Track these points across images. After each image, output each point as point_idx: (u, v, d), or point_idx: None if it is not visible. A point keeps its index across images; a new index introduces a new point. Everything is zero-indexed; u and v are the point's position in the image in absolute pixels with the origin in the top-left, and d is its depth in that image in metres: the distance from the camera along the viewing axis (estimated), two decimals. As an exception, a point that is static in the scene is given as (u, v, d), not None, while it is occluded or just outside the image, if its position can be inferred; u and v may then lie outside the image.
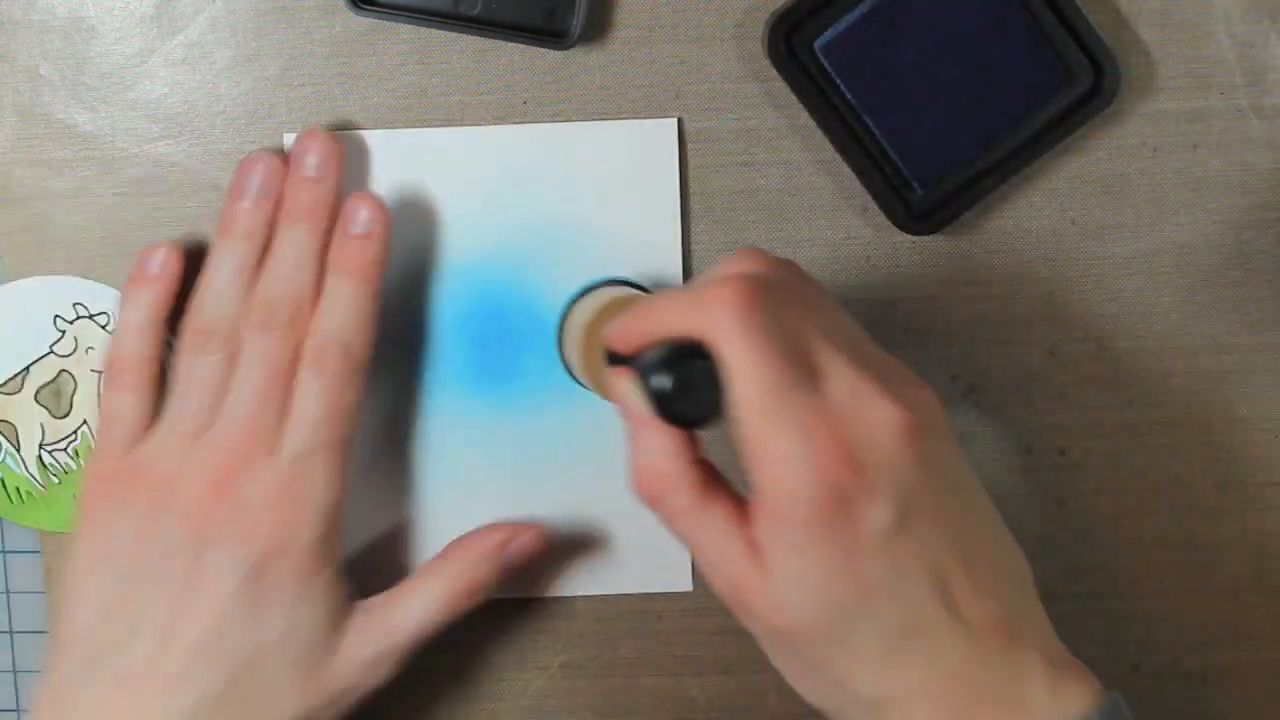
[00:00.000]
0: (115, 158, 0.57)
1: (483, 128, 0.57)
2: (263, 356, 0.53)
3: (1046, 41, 0.55)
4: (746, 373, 0.43)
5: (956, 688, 0.44)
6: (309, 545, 0.52)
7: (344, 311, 0.53)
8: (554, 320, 0.57)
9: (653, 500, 0.46)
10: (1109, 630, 0.60)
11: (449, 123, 0.57)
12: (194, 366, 0.53)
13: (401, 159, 0.57)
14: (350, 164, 0.56)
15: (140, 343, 0.54)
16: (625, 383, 0.46)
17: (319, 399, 0.52)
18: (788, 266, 0.46)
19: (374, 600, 0.55)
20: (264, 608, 0.52)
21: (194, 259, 0.56)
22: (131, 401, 0.54)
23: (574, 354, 0.54)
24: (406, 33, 0.56)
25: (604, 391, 0.51)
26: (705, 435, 0.46)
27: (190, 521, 0.52)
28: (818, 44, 0.55)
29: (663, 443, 0.46)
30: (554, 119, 0.57)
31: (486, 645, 0.60)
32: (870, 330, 0.58)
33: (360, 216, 0.54)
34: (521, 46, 0.56)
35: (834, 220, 0.58)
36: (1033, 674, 0.44)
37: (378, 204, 0.54)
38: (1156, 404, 0.59)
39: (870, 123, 0.55)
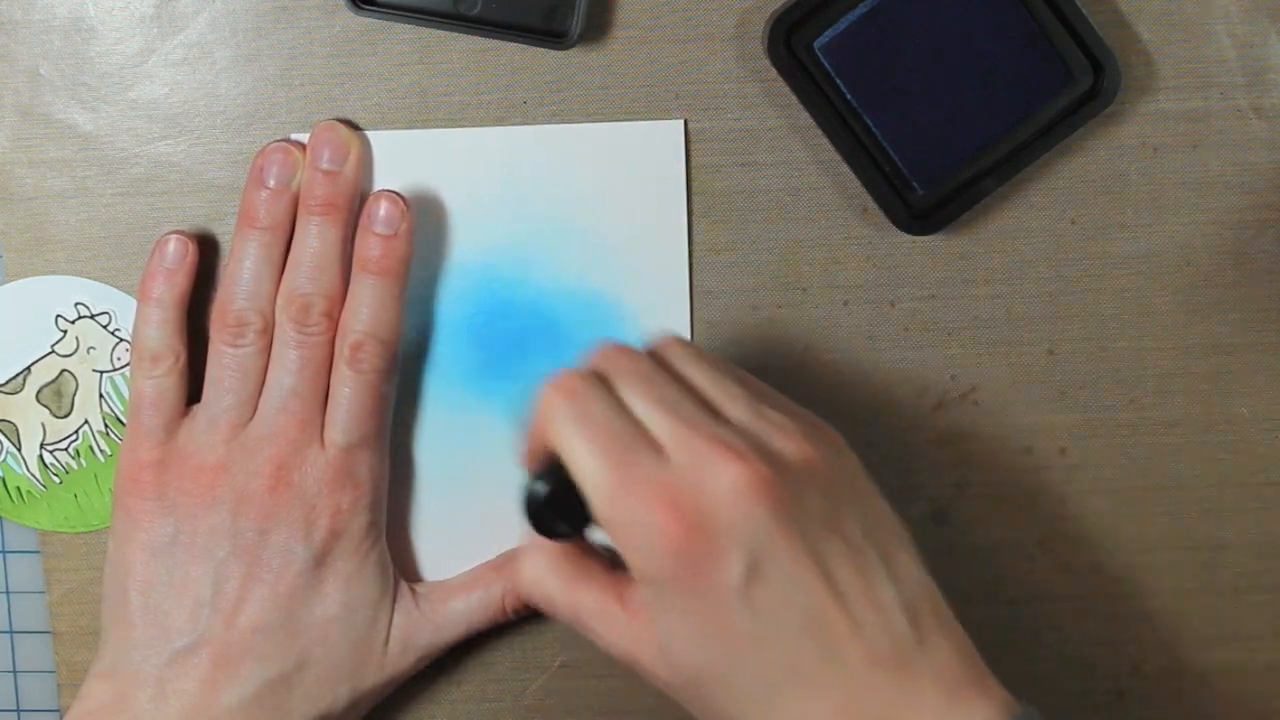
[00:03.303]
0: (115, 158, 0.57)
1: (490, 129, 0.57)
2: (300, 351, 0.54)
3: (1046, 41, 0.55)
4: (582, 461, 0.46)
5: None
6: (363, 526, 0.55)
7: (375, 309, 0.55)
8: (559, 318, 0.57)
9: (529, 596, 0.51)
10: (1109, 630, 0.60)
11: (449, 122, 0.57)
12: (229, 357, 0.55)
13: (409, 159, 0.57)
14: (351, 164, 0.57)
15: (168, 331, 0.56)
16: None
17: (359, 395, 0.54)
18: (634, 352, 0.48)
19: (424, 587, 0.57)
20: (323, 586, 0.55)
21: (203, 246, 0.57)
22: (165, 389, 0.55)
23: None
24: (406, 33, 0.56)
25: None
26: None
27: (248, 509, 0.54)
28: (817, 44, 0.55)
29: (534, 545, 0.50)
30: (554, 119, 0.57)
31: (486, 645, 0.60)
32: (871, 330, 0.58)
33: (383, 214, 0.55)
34: (521, 46, 0.56)
35: (834, 220, 0.58)
36: (923, 702, 0.45)
37: (400, 200, 0.55)
38: (1156, 404, 0.59)
39: (870, 123, 0.55)
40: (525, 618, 0.58)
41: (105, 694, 0.54)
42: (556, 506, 0.47)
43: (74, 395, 0.59)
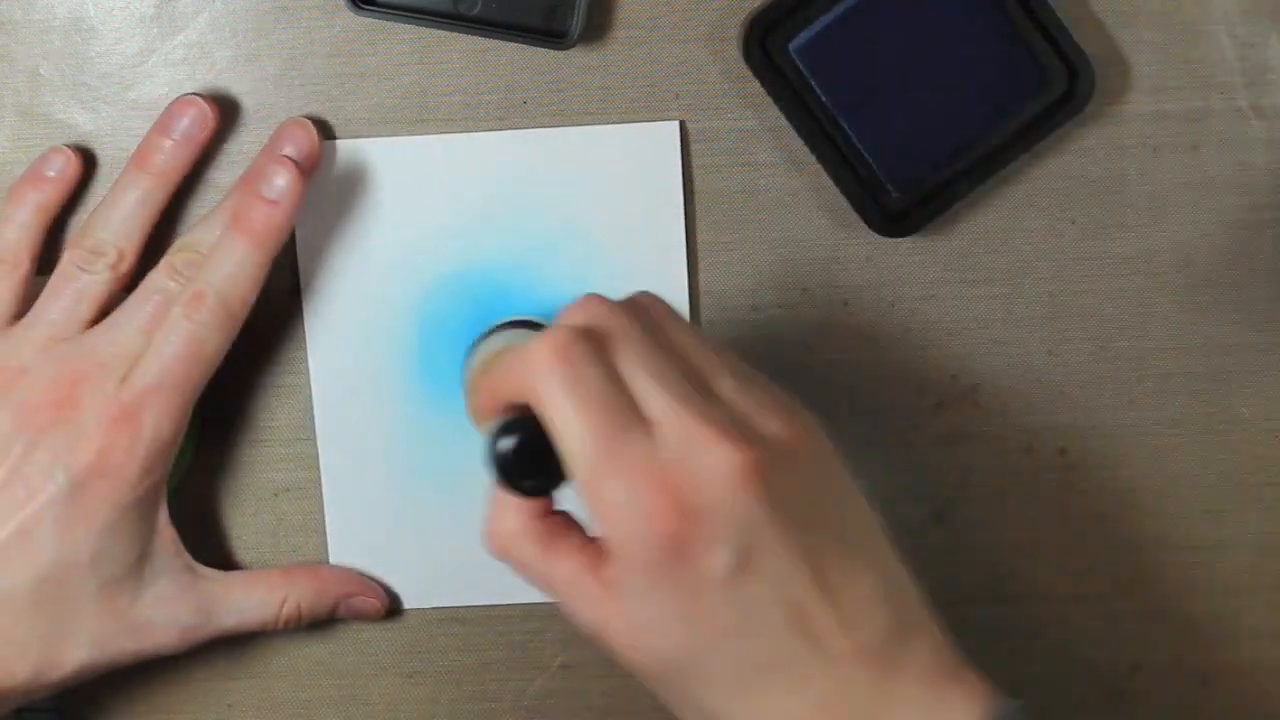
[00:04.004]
0: (115, 158, 0.57)
1: (486, 134, 0.57)
2: (164, 296, 0.53)
3: (1021, 45, 0.55)
4: (569, 430, 0.43)
5: (823, 717, 0.44)
6: (132, 476, 0.53)
7: (232, 268, 0.53)
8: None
9: (501, 556, 0.47)
10: (1109, 630, 0.60)
11: (449, 122, 0.57)
12: (74, 276, 0.54)
13: (407, 165, 0.57)
14: (354, 172, 0.57)
15: (20, 236, 0.55)
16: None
17: (181, 340, 0.53)
18: (626, 309, 0.46)
19: (209, 572, 0.56)
20: (74, 527, 0.52)
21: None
22: (1, 289, 0.55)
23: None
24: (406, 33, 0.56)
25: None
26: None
27: (26, 418, 0.52)
28: (792, 45, 0.55)
29: (505, 502, 0.46)
30: (554, 119, 0.57)
31: (486, 645, 0.60)
32: (871, 330, 0.58)
33: (276, 182, 0.54)
34: (521, 46, 0.56)
35: (835, 220, 0.58)
36: (907, 698, 0.44)
37: (296, 172, 0.54)
38: (1156, 404, 0.59)
39: (845, 125, 0.55)
40: (525, 617, 0.58)
41: None
42: (525, 461, 0.45)
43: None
